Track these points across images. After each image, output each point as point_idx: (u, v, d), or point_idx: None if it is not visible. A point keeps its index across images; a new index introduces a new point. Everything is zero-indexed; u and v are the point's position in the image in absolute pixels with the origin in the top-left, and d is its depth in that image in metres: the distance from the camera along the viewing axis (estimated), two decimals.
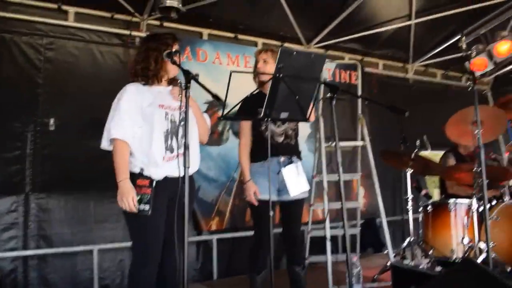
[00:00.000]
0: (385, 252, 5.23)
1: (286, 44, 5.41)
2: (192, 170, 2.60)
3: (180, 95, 2.21)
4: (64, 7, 4.24)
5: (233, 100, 3.84)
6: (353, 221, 4.26)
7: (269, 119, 2.34)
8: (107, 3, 4.33)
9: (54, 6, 4.20)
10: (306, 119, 2.42)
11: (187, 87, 2.16)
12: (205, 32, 5.00)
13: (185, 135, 2.14)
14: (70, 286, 3.99)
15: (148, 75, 2.60)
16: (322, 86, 3.55)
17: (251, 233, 4.49)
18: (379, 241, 5.18)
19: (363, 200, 5.13)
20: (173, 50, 2.55)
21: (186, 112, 2.11)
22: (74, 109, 4.19)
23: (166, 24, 4.72)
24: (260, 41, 5.30)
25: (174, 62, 2.43)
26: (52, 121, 4.10)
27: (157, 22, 4.69)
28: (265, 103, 2.26)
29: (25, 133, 3.98)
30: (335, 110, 2.45)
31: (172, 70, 2.64)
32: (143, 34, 4.58)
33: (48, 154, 4.04)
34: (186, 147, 2.09)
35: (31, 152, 3.98)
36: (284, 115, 2.35)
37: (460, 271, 2.35)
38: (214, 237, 4.43)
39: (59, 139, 4.09)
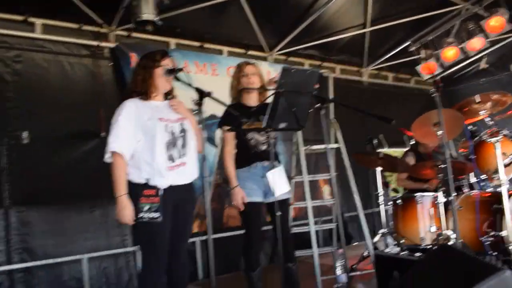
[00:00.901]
0: (354, 244, 5.64)
1: (250, 52, 5.64)
2: (193, 177, 2.76)
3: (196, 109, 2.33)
4: (31, 19, 4.21)
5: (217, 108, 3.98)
6: (328, 217, 4.54)
7: (270, 129, 2.53)
8: (75, 14, 4.34)
9: (20, 18, 4.17)
10: (301, 128, 2.65)
11: (200, 104, 2.29)
12: (172, 41, 5.10)
13: (202, 147, 2.31)
14: None
15: (139, 91, 2.72)
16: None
17: (229, 233, 4.74)
18: (348, 234, 5.52)
19: (329, 197, 5.43)
20: (178, 67, 2.69)
21: (202, 127, 2.25)
22: (46, 121, 4.18)
23: (134, 34, 4.79)
24: (226, 49, 5.49)
25: (177, 79, 2.57)
26: (25, 134, 4.05)
27: (125, 33, 4.74)
28: (267, 114, 2.46)
29: None
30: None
31: (163, 86, 2.75)
32: (111, 45, 4.64)
33: (24, 167, 4.00)
34: (204, 158, 2.24)
35: (7, 166, 3.93)
36: (283, 125, 2.56)
37: (439, 255, 2.65)
38: (197, 239, 4.55)
39: (33, 152, 4.06)
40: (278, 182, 3.09)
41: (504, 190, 3.44)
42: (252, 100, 3.28)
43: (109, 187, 4.14)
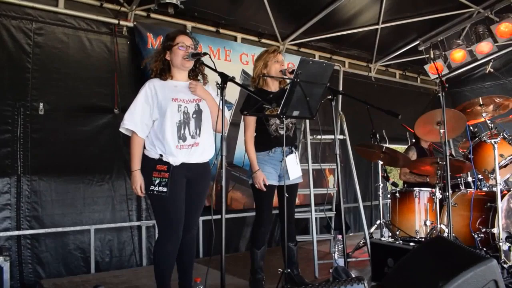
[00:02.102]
0: (351, 234, 5.81)
1: (263, 40, 5.76)
2: (207, 157, 2.90)
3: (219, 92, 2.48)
4: None
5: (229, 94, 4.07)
6: (328, 206, 4.71)
7: (284, 116, 2.67)
8: None
9: None
10: (312, 117, 2.80)
11: (223, 88, 2.43)
12: (189, 25, 5.21)
13: (222, 128, 2.44)
14: (62, 264, 4.15)
15: (157, 71, 2.86)
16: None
17: (232, 215, 4.89)
18: (346, 224, 5.67)
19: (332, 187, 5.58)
20: (202, 51, 2.82)
21: (222, 110, 2.40)
22: (62, 94, 4.31)
23: (152, 15, 4.91)
24: (240, 36, 5.62)
25: (202, 63, 2.71)
26: (41, 105, 4.19)
27: (144, 13, 4.86)
28: (282, 102, 2.60)
29: (15, 116, 4.04)
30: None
31: (181, 64, 2.83)
32: (130, 24, 4.75)
33: (38, 137, 4.14)
34: (223, 138, 2.38)
35: (22, 136, 4.06)
36: (296, 113, 2.71)
37: (432, 244, 2.81)
38: (201, 218, 4.70)
39: (48, 124, 4.20)
40: (294, 167, 3.26)
41: (498, 190, 3.59)
42: (274, 87, 3.42)
43: (118, 162, 4.37)
